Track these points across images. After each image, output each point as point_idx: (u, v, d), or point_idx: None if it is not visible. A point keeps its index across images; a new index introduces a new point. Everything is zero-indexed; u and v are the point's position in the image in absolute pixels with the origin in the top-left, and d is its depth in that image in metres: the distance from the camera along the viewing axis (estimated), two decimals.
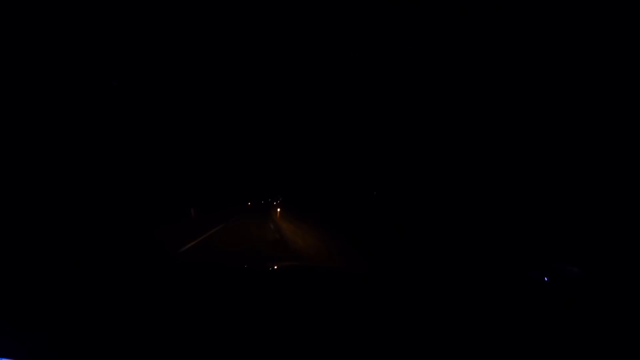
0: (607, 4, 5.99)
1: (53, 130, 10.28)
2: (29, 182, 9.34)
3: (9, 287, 1.12)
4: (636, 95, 5.68)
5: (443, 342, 0.93)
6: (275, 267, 1.74)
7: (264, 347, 0.86)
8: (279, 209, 28.15)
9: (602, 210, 5.61)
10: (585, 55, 6.47)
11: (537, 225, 6.44)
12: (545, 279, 1.57)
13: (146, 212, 15.38)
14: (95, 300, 1.07)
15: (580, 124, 6.59)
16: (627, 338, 0.93)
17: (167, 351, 0.83)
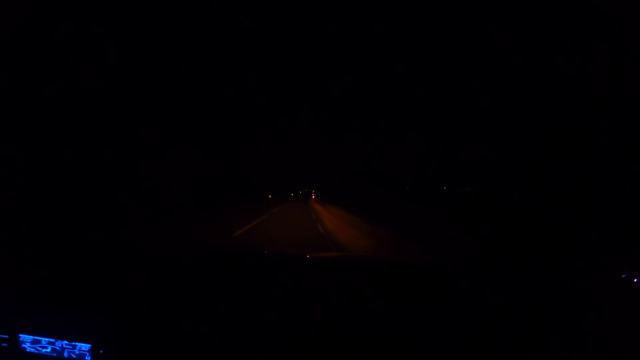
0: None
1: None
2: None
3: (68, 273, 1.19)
4: None
5: (523, 344, 0.84)
6: (314, 256, 1.73)
7: (301, 332, 0.87)
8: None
9: None
10: None
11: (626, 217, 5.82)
12: (635, 279, 1.39)
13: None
14: (149, 284, 1.12)
15: None
16: None
17: (213, 331, 0.88)
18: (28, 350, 0.90)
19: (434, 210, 13.91)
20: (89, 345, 0.87)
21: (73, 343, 0.87)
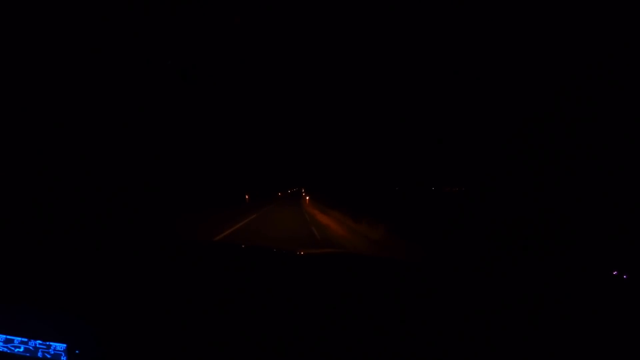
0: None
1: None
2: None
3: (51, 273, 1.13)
4: None
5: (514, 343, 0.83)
6: (306, 252, 1.71)
7: (292, 328, 0.85)
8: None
9: None
10: None
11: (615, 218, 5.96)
12: (625, 276, 1.40)
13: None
14: (136, 283, 1.07)
15: None
16: None
17: (202, 329, 0.84)
18: (1, 349, 0.83)
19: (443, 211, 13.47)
20: (65, 345, 0.81)
21: (47, 343, 0.82)
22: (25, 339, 0.83)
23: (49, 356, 0.82)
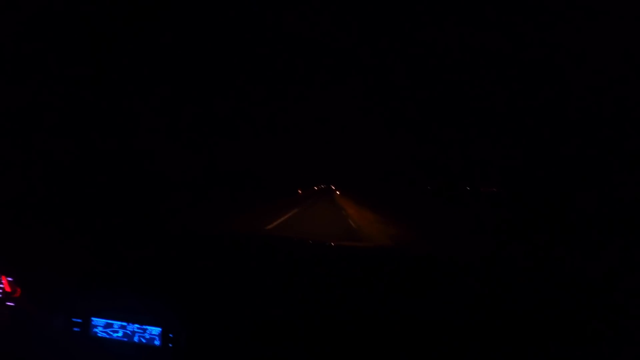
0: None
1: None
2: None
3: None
4: None
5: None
6: (339, 244, 1.77)
7: (324, 316, 0.92)
8: None
9: None
10: None
11: None
12: None
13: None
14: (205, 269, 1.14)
15: None
16: None
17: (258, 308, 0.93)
18: (99, 335, 0.92)
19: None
20: (160, 329, 0.88)
21: (144, 327, 0.89)
22: (125, 323, 0.91)
23: (144, 340, 0.89)
